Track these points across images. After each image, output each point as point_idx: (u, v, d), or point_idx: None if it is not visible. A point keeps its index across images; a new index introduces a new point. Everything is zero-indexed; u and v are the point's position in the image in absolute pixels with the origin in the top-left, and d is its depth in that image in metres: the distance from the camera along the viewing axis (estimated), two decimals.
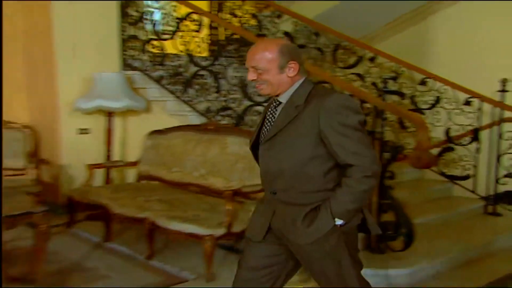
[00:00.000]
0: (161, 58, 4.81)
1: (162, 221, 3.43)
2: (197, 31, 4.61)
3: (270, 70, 1.84)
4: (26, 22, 5.02)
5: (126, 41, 4.81)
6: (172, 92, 4.70)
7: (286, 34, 5.27)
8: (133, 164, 4.64)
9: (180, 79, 4.69)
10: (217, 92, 4.53)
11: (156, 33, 4.81)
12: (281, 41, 1.95)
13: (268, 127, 1.92)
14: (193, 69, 4.69)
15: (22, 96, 5.11)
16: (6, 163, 4.56)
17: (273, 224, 1.93)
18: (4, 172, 4.53)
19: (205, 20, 4.96)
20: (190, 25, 4.60)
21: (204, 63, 4.66)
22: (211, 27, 5.60)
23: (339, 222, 1.83)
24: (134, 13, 4.77)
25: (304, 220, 1.84)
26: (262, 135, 1.94)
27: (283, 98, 1.90)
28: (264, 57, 1.84)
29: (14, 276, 3.12)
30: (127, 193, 4.05)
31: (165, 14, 4.89)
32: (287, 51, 1.86)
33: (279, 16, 5.42)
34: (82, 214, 4.28)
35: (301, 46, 5.22)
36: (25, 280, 3.07)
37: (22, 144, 4.84)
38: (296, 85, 1.90)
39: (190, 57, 4.68)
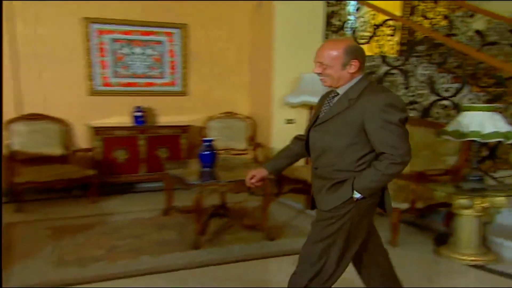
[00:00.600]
0: None
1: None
2: (392, 35, 5.20)
3: (334, 66, 2.06)
4: (253, 32, 6.14)
5: None
6: None
7: (478, 32, 5.43)
8: None
9: (373, 77, 5.29)
10: (406, 88, 5.04)
11: (354, 38, 5.52)
12: (347, 41, 2.13)
13: (323, 114, 2.17)
14: (384, 68, 5.25)
15: (245, 94, 6.30)
16: (233, 145, 5.87)
17: (315, 196, 2.25)
18: (231, 152, 5.85)
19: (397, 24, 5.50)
20: (385, 30, 5.22)
21: (395, 63, 5.22)
22: (402, 29, 6.05)
23: (357, 195, 2.05)
24: (337, 22, 5.54)
25: (329, 190, 2.11)
26: (318, 120, 2.19)
27: (341, 91, 2.12)
28: (330, 54, 2.06)
29: (249, 225, 4.21)
30: None
31: (364, 22, 5.59)
32: (351, 50, 2.07)
33: (471, 16, 5.60)
34: (287, 187, 5.24)
35: (493, 43, 5.33)
36: (256, 228, 4.10)
37: (244, 131, 6.05)
38: (355, 80, 2.10)
39: (383, 58, 5.28)
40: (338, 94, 2.13)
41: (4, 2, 4.78)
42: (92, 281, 3.05)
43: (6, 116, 4.98)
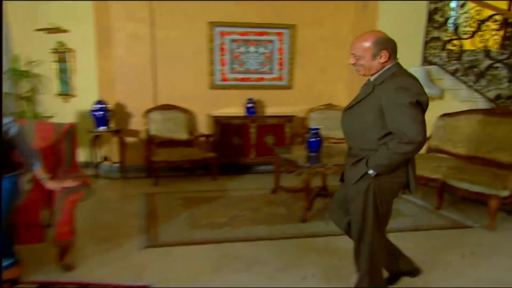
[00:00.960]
0: (458, 54, 5.38)
1: (452, 181, 4.17)
2: (497, 29, 5.05)
3: (365, 57, 2.18)
4: (356, 30, 6.14)
5: (429, 42, 5.57)
6: (464, 82, 5.25)
7: None
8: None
9: (474, 71, 5.20)
10: (510, 81, 4.90)
11: (457, 34, 5.45)
12: (378, 34, 2.22)
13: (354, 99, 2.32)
14: (487, 62, 5.13)
15: (344, 87, 6.42)
16: (332, 134, 6.08)
17: (345, 174, 2.39)
18: (330, 140, 6.08)
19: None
20: (491, 25, 5.08)
21: (500, 57, 5.08)
22: (506, 24, 5.79)
23: (370, 171, 2.17)
24: (440, 19, 5.48)
25: (352, 166, 2.26)
26: (348, 105, 2.34)
27: (373, 78, 2.23)
28: (362, 46, 2.18)
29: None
30: (421, 160, 4.89)
31: (468, 17, 5.48)
32: (381, 42, 2.16)
33: None
34: None
35: None
36: None
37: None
38: (385, 68, 2.19)
39: (487, 52, 5.16)
40: (369, 81, 2.26)
41: (145, 11, 5.51)
42: (222, 242, 3.53)
43: (145, 107, 5.75)
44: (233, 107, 6.09)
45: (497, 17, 5.08)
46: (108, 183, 5.42)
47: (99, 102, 5.34)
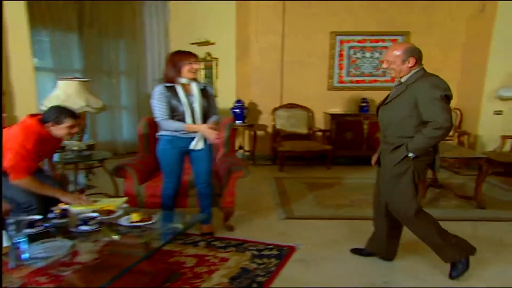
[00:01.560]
0: None
1: None
2: None
3: (396, 62, 2.47)
4: (469, 32, 6.17)
5: None
6: None
7: None
8: None
9: None
10: None
11: None
12: (407, 44, 2.52)
13: (389, 97, 2.58)
14: None
15: (454, 87, 6.37)
16: None
17: (381, 158, 2.64)
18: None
19: None
20: None
21: None
22: None
23: (410, 154, 2.43)
24: None
25: (392, 151, 2.51)
26: (385, 101, 2.60)
27: (403, 80, 2.51)
28: (393, 54, 2.48)
29: (462, 195, 4.50)
30: None
31: None
32: (409, 50, 2.45)
33: None
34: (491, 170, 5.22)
35: None
36: (467, 198, 4.41)
37: (453, 120, 6.18)
38: (412, 72, 2.47)
39: None
40: (401, 82, 2.53)
41: (278, 25, 6.02)
42: (348, 219, 3.85)
43: (273, 105, 6.29)
44: (347, 106, 6.36)
45: None
46: None
47: (238, 101, 6.00)
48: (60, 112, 2.72)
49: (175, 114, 3.02)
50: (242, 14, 6.02)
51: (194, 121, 3.04)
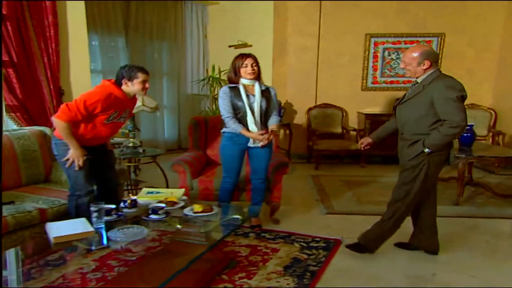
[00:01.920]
0: None
1: None
2: None
3: (412, 63, 2.59)
4: (506, 32, 6.11)
5: None
6: None
7: None
8: None
9: None
10: None
11: None
12: (423, 47, 2.62)
13: (406, 96, 2.70)
14: None
15: (487, 88, 6.31)
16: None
17: (399, 154, 2.76)
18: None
19: None
20: None
21: None
22: None
23: (426, 150, 2.55)
24: None
25: (408, 147, 2.64)
26: (402, 100, 2.72)
27: (420, 80, 2.62)
28: (410, 56, 2.59)
29: (500, 193, 4.51)
30: None
31: None
32: (425, 53, 2.55)
33: None
34: None
35: None
36: (506, 196, 4.41)
37: (487, 120, 6.15)
38: (428, 73, 2.58)
39: None
40: (417, 82, 2.65)
41: (314, 27, 6.11)
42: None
43: (308, 105, 6.38)
44: (381, 106, 6.39)
45: None
46: None
47: None
48: (131, 69, 2.77)
49: (237, 112, 3.18)
50: (280, 17, 6.14)
51: (254, 120, 3.17)
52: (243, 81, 3.19)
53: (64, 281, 2.39)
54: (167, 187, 4.12)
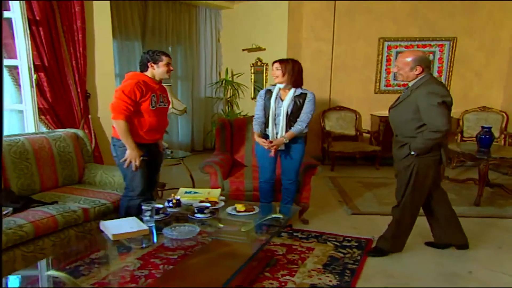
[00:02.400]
0: None
1: None
2: None
3: (404, 68, 2.69)
4: None
5: None
6: None
7: None
8: None
9: None
10: None
11: None
12: (416, 53, 2.70)
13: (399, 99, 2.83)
14: None
15: (498, 91, 6.43)
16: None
17: (393, 155, 2.92)
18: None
19: None
20: None
21: None
22: None
23: (412, 152, 2.71)
24: None
25: (398, 149, 2.81)
26: (394, 104, 2.86)
27: (411, 84, 2.72)
28: (404, 61, 2.69)
29: None
30: None
31: None
32: (418, 59, 2.64)
33: None
34: None
35: None
36: None
37: (499, 122, 6.24)
38: (418, 78, 2.68)
39: None
40: (409, 87, 2.75)
41: (329, 32, 6.22)
42: None
43: (322, 108, 6.47)
44: None
45: None
46: None
47: None
48: (155, 52, 2.90)
49: (266, 115, 3.27)
50: (294, 20, 6.24)
51: (275, 125, 3.25)
52: (278, 84, 3.27)
53: (114, 278, 2.45)
54: (194, 187, 4.19)
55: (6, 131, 3.46)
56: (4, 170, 2.82)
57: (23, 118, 3.61)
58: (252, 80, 6.87)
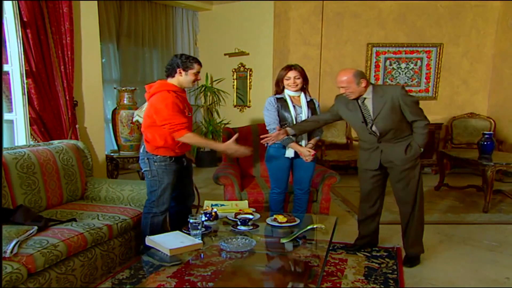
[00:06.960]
0: None
1: None
2: None
3: (351, 86, 2.89)
4: (498, 45, 6.79)
5: None
6: None
7: None
8: None
9: None
10: None
11: None
12: (352, 69, 2.92)
13: (368, 112, 2.97)
14: None
15: (484, 97, 7.02)
16: (474, 140, 6.62)
17: (382, 158, 3.09)
18: (473, 146, 6.62)
19: None
20: None
21: None
22: None
23: (421, 149, 3.01)
24: None
25: (406, 150, 3.02)
26: (368, 116, 2.98)
27: (367, 95, 2.94)
28: (346, 80, 2.89)
29: None
30: None
31: None
32: (357, 74, 2.89)
33: None
34: None
35: None
36: None
37: (487, 129, 6.68)
38: (369, 89, 2.94)
39: None
40: (365, 98, 2.96)
41: (317, 37, 6.50)
42: (429, 223, 4.29)
43: None
44: None
45: None
46: None
47: None
48: (188, 59, 2.87)
49: (283, 124, 3.35)
50: (281, 26, 6.46)
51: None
52: (289, 92, 3.39)
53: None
54: (199, 199, 4.20)
55: None
56: (11, 186, 2.70)
57: (13, 128, 3.46)
58: (235, 86, 6.97)
